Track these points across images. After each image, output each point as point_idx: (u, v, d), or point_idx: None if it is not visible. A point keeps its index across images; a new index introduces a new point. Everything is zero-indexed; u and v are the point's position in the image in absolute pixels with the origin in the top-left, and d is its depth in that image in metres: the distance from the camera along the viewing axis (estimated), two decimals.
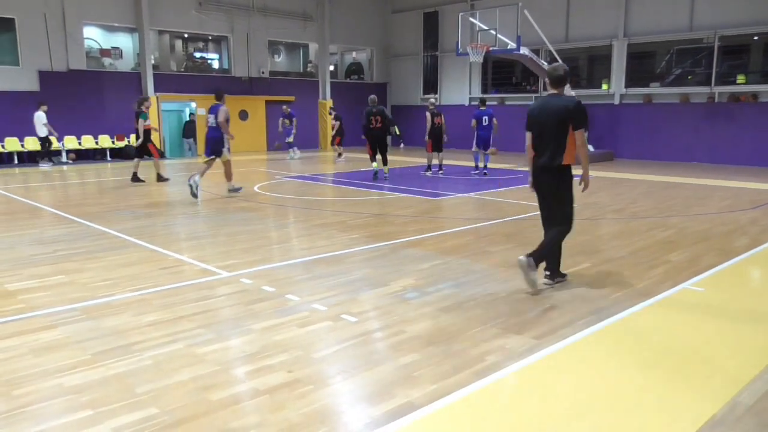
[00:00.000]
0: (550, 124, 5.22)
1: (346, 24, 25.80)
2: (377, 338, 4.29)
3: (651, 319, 4.72)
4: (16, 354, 3.97)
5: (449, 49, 23.96)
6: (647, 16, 19.40)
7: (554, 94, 5.35)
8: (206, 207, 10.57)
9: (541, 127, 5.30)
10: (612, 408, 3.26)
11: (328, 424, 3.10)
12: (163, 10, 20.76)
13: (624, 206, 10.15)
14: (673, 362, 3.85)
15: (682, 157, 18.71)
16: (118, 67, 20.87)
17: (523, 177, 14.57)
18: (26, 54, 18.31)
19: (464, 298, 5.15)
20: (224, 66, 23.48)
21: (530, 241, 7.49)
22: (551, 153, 5.27)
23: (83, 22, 19.39)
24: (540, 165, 5.38)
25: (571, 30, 21.23)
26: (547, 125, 5.24)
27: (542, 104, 5.36)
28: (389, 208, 10.16)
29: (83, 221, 8.78)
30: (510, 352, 3.97)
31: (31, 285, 5.58)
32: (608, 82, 20.56)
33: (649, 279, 5.73)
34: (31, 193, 11.98)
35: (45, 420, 3.13)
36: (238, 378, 3.64)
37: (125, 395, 3.38)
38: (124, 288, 5.46)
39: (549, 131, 5.24)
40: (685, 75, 19.35)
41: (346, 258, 6.61)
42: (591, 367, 3.79)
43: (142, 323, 4.54)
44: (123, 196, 11.70)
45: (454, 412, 3.22)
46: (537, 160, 5.40)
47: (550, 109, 5.23)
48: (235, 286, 5.58)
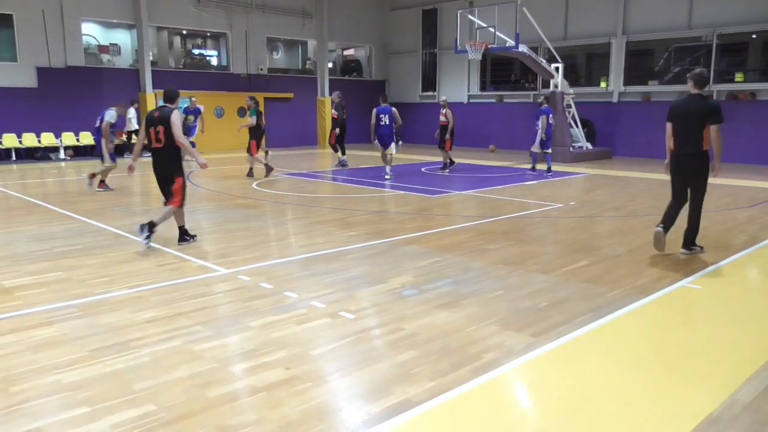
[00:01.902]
0: (693, 119, 6.21)
1: (344, 21, 25.75)
2: (375, 335, 4.29)
3: (649, 317, 4.73)
4: (14, 351, 3.96)
5: (448, 46, 23.93)
6: (646, 14, 19.39)
7: (697, 94, 6.30)
8: (205, 204, 10.55)
9: (685, 121, 6.28)
10: (610, 405, 3.26)
11: (325, 421, 3.10)
12: (161, 7, 20.70)
13: (622, 204, 10.16)
14: (671, 360, 3.86)
15: None
16: (116, 64, 20.82)
17: (522, 175, 14.59)
18: (24, 50, 18.25)
19: (462, 295, 5.16)
20: (223, 63, 23.43)
21: (529, 238, 7.51)
22: (694, 142, 6.27)
23: (81, 18, 19.33)
24: (684, 152, 6.38)
25: (570, 28, 21.21)
26: (691, 120, 6.23)
27: (686, 102, 6.36)
28: (388, 205, 10.16)
29: (81, 218, 8.77)
30: (508, 350, 3.98)
31: (28, 281, 5.57)
32: (607, 80, 20.55)
33: (647, 276, 5.74)
34: (28, 190, 11.96)
35: (42, 417, 3.13)
36: (236, 375, 3.64)
37: (123, 392, 3.38)
38: (122, 285, 5.45)
39: (692, 125, 6.24)
40: (684, 73, 19.27)
41: (345, 255, 6.61)
42: (589, 365, 3.79)
43: (139, 320, 4.54)
44: (122, 193, 11.67)
45: (452, 410, 3.22)
46: (680, 148, 6.39)
47: (694, 107, 6.23)
48: (233, 283, 5.58)
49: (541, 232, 8.01)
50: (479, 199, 10.90)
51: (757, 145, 17.18)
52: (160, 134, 6.81)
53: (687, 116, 6.27)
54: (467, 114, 23.55)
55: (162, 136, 6.80)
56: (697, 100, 6.26)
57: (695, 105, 6.24)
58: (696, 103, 6.24)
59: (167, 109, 6.92)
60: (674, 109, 6.45)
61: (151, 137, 6.89)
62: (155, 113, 6.94)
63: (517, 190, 11.87)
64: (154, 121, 6.88)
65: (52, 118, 18.66)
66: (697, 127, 6.21)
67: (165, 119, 6.79)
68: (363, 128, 25.83)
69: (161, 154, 6.93)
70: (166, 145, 6.83)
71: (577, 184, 13.18)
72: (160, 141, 6.84)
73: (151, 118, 6.94)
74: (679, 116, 6.35)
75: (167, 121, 6.77)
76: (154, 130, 6.85)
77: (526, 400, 3.44)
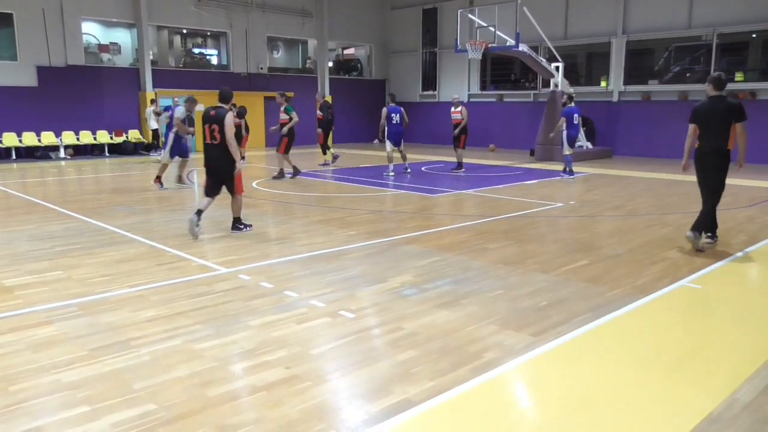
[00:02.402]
0: (717, 119, 6.60)
1: (344, 20, 25.74)
2: (375, 335, 4.29)
3: (649, 317, 4.73)
4: (13, 350, 3.96)
5: (448, 45, 23.93)
6: (646, 14, 19.38)
7: (718, 96, 6.72)
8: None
9: (709, 121, 6.66)
10: (610, 404, 3.26)
11: (325, 420, 3.10)
12: (161, 6, 20.70)
13: (622, 203, 10.16)
14: (671, 359, 3.86)
15: (681, 154, 18.62)
16: (116, 63, 20.81)
17: (522, 174, 14.58)
18: (24, 49, 18.25)
19: (462, 294, 5.15)
20: (223, 62, 23.43)
21: (529, 237, 7.51)
22: (718, 140, 6.65)
23: (81, 17, 19.33)
24: (708, 150, 6.72)
25: (570, 27, 21.20)
26: (715, 120, 6.62)
27: (710, 104, 6.74)
28: (388, 204, 10.16)
29: (81, 217, 8.77)
30: (508, 349, 3.98)
31: (28, 281, 5.57)
32: (607, 79, 20.56)
33: (647, 276, 5.74)
34: (28, 189, 11.95)
35: (42, 416, 3.12)
36: (236, 374, 3.64)
37: (123, 391, 3.38)
38: (122, 284, 5.45)
39: (716, 124, 6.62)
40: (684, 72, 19.34)
41: (345, 254, 6.61)
42: (589, 364, 3.79)
43: (139, 319, 4.54)
44: (121, 191, 11.67)
45: (452, 409, 3.22)
46: (704, 146, 6.75)
47: (719, 107, 6.64)
48: (233, 282, 5.58)
49: (541, 231, 8.00)
50: (479, 198, 10.89)
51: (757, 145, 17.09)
52: (215, 132, 7.36)
53: (713, 117, 6.64)
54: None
55: (217, 134, 7.35)
56: (721, 101, 6.66)
57: (719, 105, 6.63)
58: (720, 104, 6.64)
59: (222, 109, 7.42)
60: (699, 111, 6.78)
61: (206, 134, 7.45)
62: (211, 112, 7.44)
63: (517, 190, 11.87)
64: (210, 119, 7.41)
65: (52, 117, 18.66)
66: (723, 126, 6.59)
67: (220, 119, 7.31)
68: (363, 127, 26.03)
69: (215, 150, 7.45)
70: (221, 142, 7.35)
71: (576, 183, 13.17)
72: (215, 138, 7.38)
73: (207, 116, 7.45)
74: (704, 117, 6.70)
75: (222, 121, 7.29)
76: (209, 127, 7.41)
77: (526, 399, 3.44)
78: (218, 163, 7.50)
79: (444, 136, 24.84)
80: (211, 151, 7.51)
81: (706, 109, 6.75)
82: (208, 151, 7.57)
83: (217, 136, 7.35)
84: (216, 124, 7.31)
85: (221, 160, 7.45)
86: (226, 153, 7.38)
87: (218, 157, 7.46)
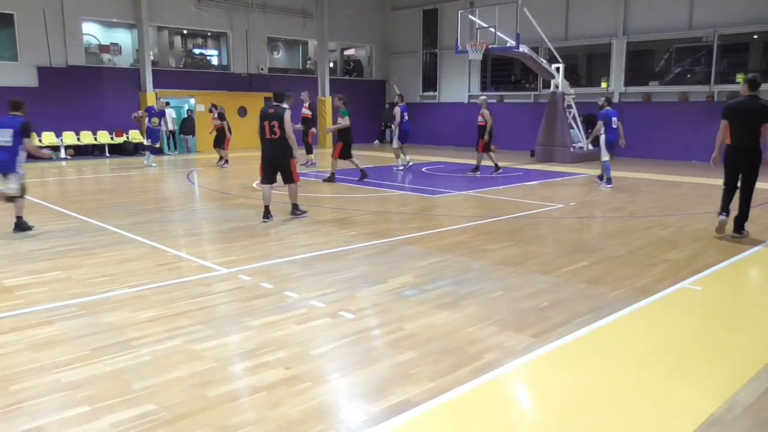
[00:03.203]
0: (752, 118, 6.97)
1: (345, 21, 25.75)
2: (375, 335, 4.28)
3: (649, 318, 4.72)
4: (14, 350, 3.96)
5: (448, 46, 23.93)
6: (646, 15, 19.38)
7: (752, 96, 7.07)
8: (205, 203, 10.56)
9: (743, 119, 7.02)
10: (610, 406, 3.26)
11: (325, 420, 3.10)
12: (162, 6, 20.71)
13: (623, 205, 10.15)
14: (672, 360, 3.86)
15: (681, 155, 18.71)
16: (116, 63, 20.82)
17: (523, 175, 14.58)
18: (25, 49, 18.26)
19: (462, 295, 5.15)
20: (223, 62, 23.44)
21: (529, 238, 7.50)
22: (752, 139, 7.02)
23: (82, 17, 19.33)
24: (743, 148, 7.06)
25: (571, 28, 21.21)
26: (749, 119, 6.99)
27: (744, 103, 7.09)
28: (388, 205, 10.15)
29: (81, 217, 8.76)
30: (508, 350, 3.97)
31: (28, 281, 5.56)
32: (607, 80, 20.55)
33: (647, 277, 5.73)
34: (29, 189, 11.94)
35: (42, 416, 3.12)
36: (235, 374, 3.64)
37: (123, 391, 3.37)
38: (122, 284, 5.45)
39: (751, 123, 6.99)
40: (685, 74, 19.34)
41: (345, 255, 6.61)
42: (589, 366, 3.79)
43: (139, 319, 4.54)
44: (121, 192, 11.67)
45: (452, 410, 3.22)
46: (738, 144, 7.08)
47: (753, 107, 7.00)
48: (233, 282, 5.58)
49: (541, 232, 8.00)
50: (480, 199, 10.89)
51: None
52: (275, 128, 8.22)
53: (745, 115, 7.02)
54: (467, 114, 23.53)
55: (276, 130, 8.22)
56: (755, 101, 7.04)
57: (753, 105, 7.02)
58: (753, 104, 7.02)
59: (280, 108, 8.32)
60: (732, 108, 7.16)
61: (266, 130, 8.28)
62: (269, 110, 8.34)
63: (518, 191, 11.87)
64: (269, 116, 8.29)
65: (53, 118, 18.65)
66: (755, 124, 6.98)
67: (279, 116, 8.21)
68: (363, 128, 26.01)
69: (275, 145, 8.32)
70: (280, 137, 8.21)
71: (577, 184, 13.17)
72: (275, 134, 8.25)
73: (266, 114, 8.34)
74: (737, 115, 7.08)
75: (281, 118, 8.19)
76: (269, 124, 8.26)
77: (527, 400, 3.43)
78: (277, 155, 8.34)
79: (444, 137, 24.90)
80: (271, 144, 8.33)
81: (740, 108, 7.10)
82: (267, 145, 8.37)
83: (276, 131, 8.19)
84: (276, 120, 8.18)
85: (280, 153, 8.31)
86: (284, 146, 8.24)
87: (277, 150, 8.31)
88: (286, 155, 8.33)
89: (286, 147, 8.27)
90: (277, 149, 8.31)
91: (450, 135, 24.75)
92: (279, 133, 8.20)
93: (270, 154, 8.40)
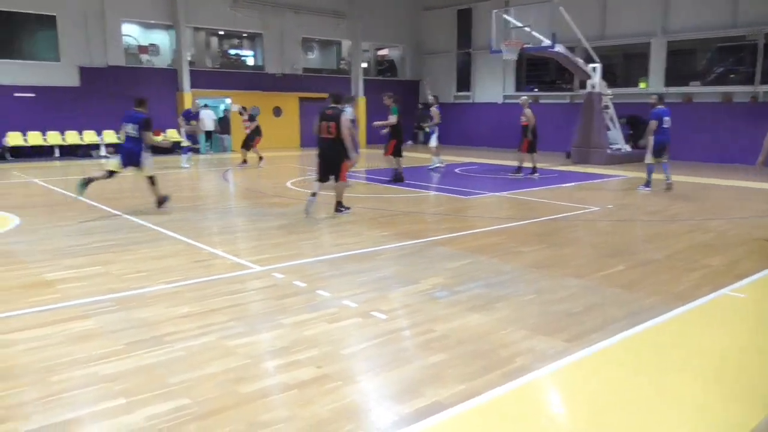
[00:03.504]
0: None
1: (378, 21, 25.80)
2: (406, 336, 4.27)
3: (687, 325, 4.60)
4: (53, 342, 4.06)
5: (483, 46, 23.75)
6: (687, 13, 18.93)
7: None
8: (239, 202, 10.69)
9: None
10: (644, 414, 3.17)
11: (355, 420, 3.10)
12: (198, 8, 21.06)
13: (661, 208, 9.92)
14: (711, 370, 3.74)
15: (723, 158, 18.21)
16: (155, 64, 21.25)
17: (558, 177, 14.37)
18: (67, 50, 18.78)
19: (494, 298, 5.10)
20: (258, 63, 23.71)
21: (563, 241, 7.39)
22: None
23: (122, 19, 19.80)
24: None
25: (608, 27, 20.84)
26: None
27: None
28: (420, 205, 10.12)
29: (119, 213, 8.96)
30: (540, 355, 3.91)
31: (68, 275, 5.71)
32: (646, 80, 20.13)
33: (686, 283, 5.58)
34: (70, 186, 12.26)
35: (80, 407, 3.20)
36: (267, 372, 3.67)
37: (157, 385, 3.43)
38: (158, 280, 5.55)
39: None
40: (728, 73, 18.81)
41: (377, 255, 6.61)
42: (623, 373, 3.70)
43: (174, 315, 4.61)
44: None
45: (483, 413, 3.19)
46: None
47: None
48: (266, 280, 5.63)
49: (575, 235, 7.88)
50: (513, 200, 10.78)
51: None
52: (332, 128, 8.60)
53: None
54: (502, 115, 23.36)
55: (333, 130, 8.59)
56: None
57: None
58: None
59: (338, 109, 8.73)
60: None
61: (323, 129, 8.67)
62: (328, 111, 8.72)
63: (553, 193, 11.71)
64: (327, 117, 8.68)
65: (94, 116, 19.15)
66: None
67: (337, 117, 8.61)
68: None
69: (330, 143, 8.69)
70: (336, 136, 8.59)
71: (613, 186, 12.94)
72: (332, 133, 8.61)
73: (324, 115, 8.73)
74: None
75: (338, 119, 8.58)
76: (327, 124, 8.66)
77: (557, 406, 3.38)
78: (331, 153, 8.71)
79: (478, 138, 24.72)
80: (326, 143, 8.70)
81: None
82: (323, 144, 8.74)
83: (333, 131, 8.54)
84: (333, 121, 8.55)
85: (334, 152, 8.69)
86: (338, 145, 8.59)
87: (331, 149, 8.69)
88: (340, 155, 8.71)
89: (340, 147, 8.61)
90: (332, 148, 8.68)
91: (484, 135, 24.57)
92: (335, 133, 8.56)
93: (324, 153, 8.80)
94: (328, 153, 8.75)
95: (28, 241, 7.18)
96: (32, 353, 3.87)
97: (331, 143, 8.63)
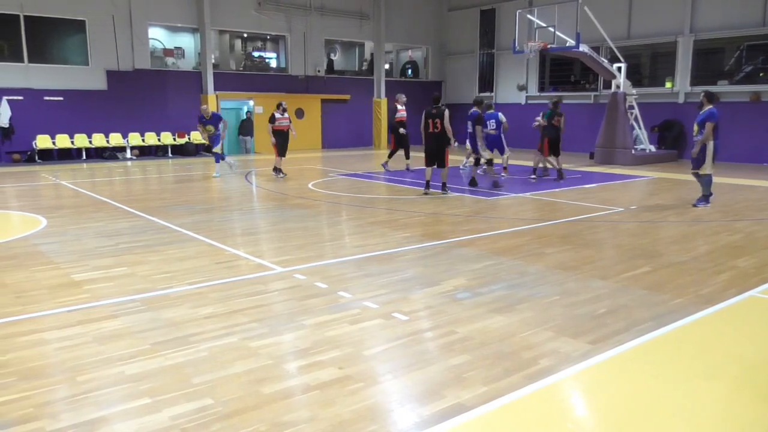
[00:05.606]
0: None
1: (401, 22, 25.80)
2: (428, 338, 4.27)
3: (714, 327, 4.52)
4: (81, 341, 4.15)
5: (506, 46, 23.62)
6: (715, 11, 18.58)
7: None
8: (261, 203, 10.78)
9: None
10: (670, 417, 3.13)
11: (377, 421, 3.11)
12: (223, 11, 21.29)
13: (688, 209, 9.76)
14: (739, 373, 3.67)
15: (752, 158, 17.84)
16: (180, 67, 21.52)
17: (582, 178, 14.20)
18: (95, 54, 19.12)
19: (517, 299, 5.07)
20: (281, 65, 23.88)
21: (587, 243, 7.32)
22: None
23: (148, 23, 20.09)
24: None
25: (634, 26, 20.56)
26: None
27: None
28: (443, 207, 10.10)
29: (145, 215, 9.10)
30: (564, 357, 3.88)
31: (95, 276, 5.82)
32: (672, 80, 19.81)
33: (713, 285, 5.49)
34: (97, 188, 12.50)
35: (107, 406, 3.25)
36: (290, 372, 3.69)
37: (182, 385, 3.48)
38: (182, 281, 5.63)
39: None
40: (757, 72, 18.42)
41: (399, 256, 6.61)
42: (648, 375, 3.65)
43: (198, 316, 4.67)
44: (183, 191, 12.06)
45: (505, 416, 3.17)
46: None
47: None
48: (288, 281, 5.67)
49: (600, 236, 7.79)
50: (536, 201, 10.70)
51: None
52: (438, 124, 10.89)
53: None
54: (526, 115, 23.15)
55: (439, 125, 10.91)
56: None
57: None
58: None
59: (441, 108, 10.94)
60: None
61: (430, 126, 10.95)
62: (432, 110, 10.96)
63: (576, 193, 11.59)
64: (433, 115, 10.94)
65: (120, 119, 19.47)
66: None
67: (441, 114, 10.87)
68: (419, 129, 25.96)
69: (436, 137, 11.01)
70: (441, 131, 10.92)
71: (638, 187, 12.76)
72: (437, 128, 10.93)
73: (430, 113, 10.97)
74: None
75: (442, 116, 10.84)
76: (433, 121, 10.93)
77: (581, 409, 3.34)
78: (437, 145, 11.03)
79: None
80: (433, 136, 11.01)
81: None
82: (430, 138, 11.04)
83: (438, 126, 10.83)
84: (438, 118, 10.81)
85: (439, 143, 11.01)
86: (443, 138, 10.92)
87: (437, 141, 10.99)
88: (444, 145, 10.98)
89: (444, 138, 10.88)
90: (438, 140, 10.95)
91: (507, 136, 24.36)
92: (440, 128, 10.81)
93: (431, 145, 11.06)
94: (435, 145, 10.97)
95: (57, 242, 7.33)
96: (62, 353, 3.96)
97: (437, 136, 10.87)
